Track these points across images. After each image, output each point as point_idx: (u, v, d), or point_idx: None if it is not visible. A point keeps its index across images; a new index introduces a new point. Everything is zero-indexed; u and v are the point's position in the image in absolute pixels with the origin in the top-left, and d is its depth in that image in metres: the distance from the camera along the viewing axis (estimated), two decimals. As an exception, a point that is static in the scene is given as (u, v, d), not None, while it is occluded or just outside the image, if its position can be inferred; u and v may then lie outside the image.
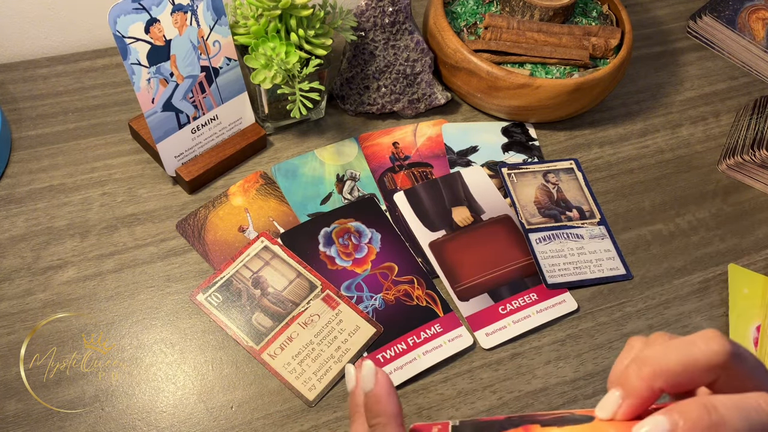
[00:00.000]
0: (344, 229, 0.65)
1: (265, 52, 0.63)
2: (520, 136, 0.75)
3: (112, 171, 0.67)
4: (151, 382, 0.55)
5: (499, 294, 0.62)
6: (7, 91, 0.72)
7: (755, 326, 0.62)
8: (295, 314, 0.59)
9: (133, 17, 0.56)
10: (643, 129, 0.78)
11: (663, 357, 0.31)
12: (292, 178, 0.68)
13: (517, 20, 0.74)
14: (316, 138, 0.72)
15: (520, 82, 0.69)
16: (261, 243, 0.63)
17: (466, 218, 0.67)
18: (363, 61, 0.71)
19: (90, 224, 0.63)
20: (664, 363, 0.31)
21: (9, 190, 0.65)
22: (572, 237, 0.66)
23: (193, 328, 0.58)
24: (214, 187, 0.67)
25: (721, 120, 0.80)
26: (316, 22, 0.65)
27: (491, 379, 0.58)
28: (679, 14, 0.92)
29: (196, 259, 0.62)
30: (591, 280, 0.64)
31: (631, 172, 0.74)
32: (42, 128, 0.69)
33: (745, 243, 0.69)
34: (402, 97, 0.73)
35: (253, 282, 0.61)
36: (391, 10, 0.68)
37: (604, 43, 0.74)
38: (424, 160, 0.72)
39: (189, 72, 0.62)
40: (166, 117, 0.62)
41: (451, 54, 0.72)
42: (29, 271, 0.60)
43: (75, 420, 0.52)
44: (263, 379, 0.56)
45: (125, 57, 0.57)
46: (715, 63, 0.87)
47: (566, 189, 0.70)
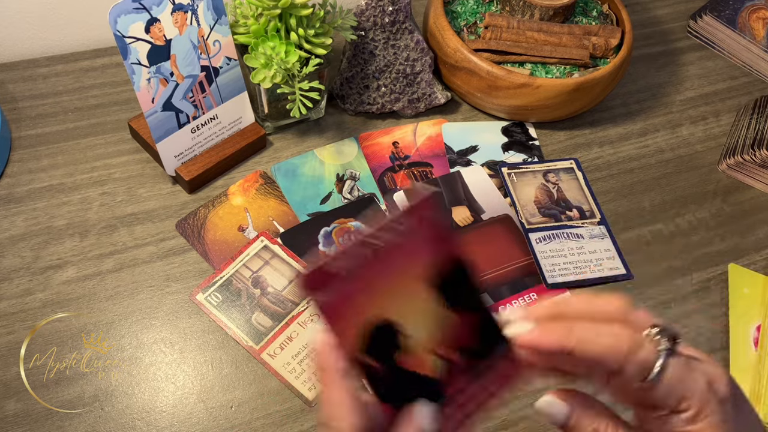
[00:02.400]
0: (344, 229, 0.65)
1: (265, 51, 0.63)
2: (520, 136, 0.75)
3: (111, 170, 0.67)
4: (150, 381, 0.55)
5: (499, 294, 0.62)
6: (7, 91, 0.72)
7: (755, 326, 0.62)
8: (295, 314, 0.59)
9: (134, 17, 0.56)
10: (643, 129, 0.78)
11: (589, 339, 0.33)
12: (291, 177, 0.68)
13: (517, 20, 0.74)
14: (315, 137, 0.72)
15: (520, 82, 0.69)
16: (261, 242, 0.63)
17: (466, 218, 0.67)
18: (363, 60, 0.71)
19: (89, 224, 0.63)
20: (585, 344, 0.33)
21: (9, 189, 0.65)
22: (572, 237, 0.66)
23: (192, 327, 0.58)
24: (214, 187, 0.67)
25: (721, 120, 0.80)
26: (316, 22, 0.65)
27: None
28: (679, 14, 0.92)
29: (196, 258, 0.62)
30: (591, 280, 0.64)
31: (631, 171, 0.74)
32: (42, 128, 0.69)
33: (745, 243, 0.69)
34: (402, 97, 0.73)
35: (252, 281, 0.61)
36: (391, 9, 0.68)
37: (604, 43, 0.74)
38: (424, 159, 0.72)
39: (189, 71, 0.62)
40: (166, 116, 0.62)
41: (451, 53, 0.72)
42: (29, 271, 0.60)
43: (75, 420, 0.52)
44: (263, 379, 0.56)
45: (125, 56, 0.57)
46: (715, 63, 0.87)
47: (566, 189, 0.70)
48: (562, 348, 0.34)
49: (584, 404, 0.35)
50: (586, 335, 0.33)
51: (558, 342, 0.34)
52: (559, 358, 0.35)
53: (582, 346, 0.33)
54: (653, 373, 0.33)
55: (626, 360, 0.33)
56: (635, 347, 0.33)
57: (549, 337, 0.34)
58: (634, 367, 0.33)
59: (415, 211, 0.33)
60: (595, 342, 0.33)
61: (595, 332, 0.33)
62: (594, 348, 0.33)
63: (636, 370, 0.33)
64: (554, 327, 0.34)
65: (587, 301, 0.36)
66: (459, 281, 0.36)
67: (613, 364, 0.33)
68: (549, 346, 0.34)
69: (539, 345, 0.34)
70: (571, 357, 0.34)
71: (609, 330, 0.34)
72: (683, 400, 0.33)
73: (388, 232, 0.34)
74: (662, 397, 0.33)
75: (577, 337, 0.33)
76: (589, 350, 0.33)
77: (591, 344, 0.33)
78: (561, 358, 0.35)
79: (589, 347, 0.33)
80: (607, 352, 0.33)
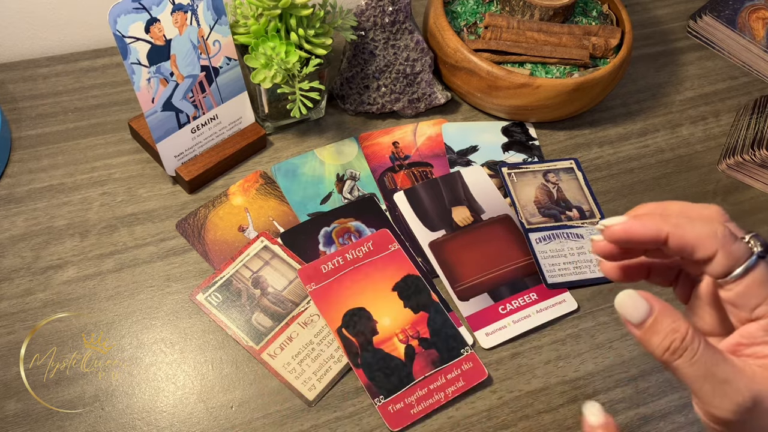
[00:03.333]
0: (344, 229, 0.65)
1: (265, 51, 0.63)
2: (520, 136, 0.75)
3: (111, 171, 0.67)
4: (151, 381, 0.55)
5: (499, 294, 0.62)
6: (7, 91, 0.72)
7: (755, 326, 0.62)
8: (295, 314, 0.59)
9: (133, 17, 0.56)
10: (643, 129, 0.78)
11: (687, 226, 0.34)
12: (292, 177, 0.68)
13: (517, 20, 0.74)
14: (316, 137, 0.72)
15: (520, 82, 0.69)
16: (261, 243, 0.63)
17: (466, 218, 0.67)
18: (363, 60, 0.71)
19: (90, 224, 0.63)
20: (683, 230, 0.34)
21: (9, 189, 0.65)
22: (572, 237, 0.66)
23: (192, 327, 0.58)
24: (214, 187, 0.67)
25: (721, 120, 0.80)
26: (316, 22, 0.65)
27: (491, 378, 0.58)
28: (679, 14, 0.92)
29: (196, 258, 0.62)
30: (591, 280, 0.64)
31: (631, 171, 0.74)
32: (42, 128, 0.69)
33: (745, 243, 0.69)
34: (402, 97, 0.73)
35: (252, 282, 0.61)
36: (391, 9, 0.68)
37: (604, 43, 0.74)
38: (424, 159, 0.72)
39: (189, 71, 0.62)
40: (166, 117, 0.62)
41: (451, 53, 0.72)
42: (29, 271, 0.60)
43: (75, 420, 0.52)
44: (263, 379, 0.56)
45: (125, 56, 0.57)
46: (715, 63, 0.87)
47: (566, 189, 0.70)
48: (658, 233, 0.34)
49: (664, 304, 0.35)
50: (683, 223, 0.34)
51: (655, 227, 0.34)
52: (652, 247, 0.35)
53: (678, 231, 0.34)
54: (742, 267, 0.33)
55: (721, 248, 0.33)
56: (730, 240, 0.33)
57: (645, 224, 0.35)
58: (726, 257, 0.33)
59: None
60: (691, 229, 0.34)
61: (692, 223, 0.34)
62: (690, 234, 0.33)
63: (726, 261, 0.33)
64: (650, 216, 0.35)
65: (684, 204, 0.37)
66: (412, 289, 0.60)
67: (707, 250, 0.33)
68: (644, 232, 0.35)
69: (635, 232, 0.35)
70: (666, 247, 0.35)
71: (706, 222, 0.34)
72: (760, 304, 0.33)
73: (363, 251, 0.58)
74: (743, 295, 0.34)
75: (673, 223, 0.34)
76: (685, 235, 0.33)
77: (687, 231, 0.34)
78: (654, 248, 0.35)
79: (685, 233, 0.34)
80: (703, 238, 0.33)
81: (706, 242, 0.33)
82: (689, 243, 0.34)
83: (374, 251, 0.62)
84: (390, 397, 0.55)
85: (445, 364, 0.57)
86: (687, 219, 0.34)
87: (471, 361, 0.57)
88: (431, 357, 0.57)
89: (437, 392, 0.55)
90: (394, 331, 0.58)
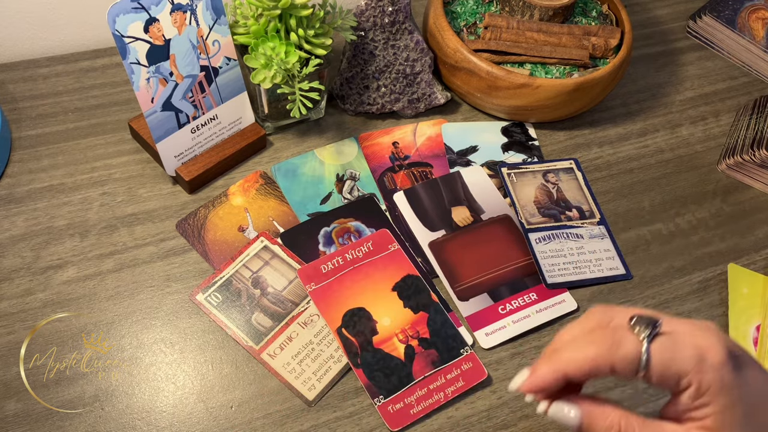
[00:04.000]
0: (344, 229, 0.65)
1: (265, 51, 0.63)
2: (520, 136, 0.75)
3: (111, 171, 0.67)
4: (150, 381, 0.55)
5: (499, 294, 0.62)
6: (7, 91, 0.72)
7: (755, 326, 0.62)
8: (295, 314, 0.59)
9: (132, 16, 0.56)
10: (643, 129, 0.78)
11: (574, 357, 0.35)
12: (291, 177, 0.68)
13: (517, 20, 0.74)
14: (315, 138, 0.72)
15: (519, 82, 0.69)
16: (261, 243, 0.63)
17: (466, 218, 0.67)
18: (363, 60, 0.71)
19: (90, 224, 0.63)
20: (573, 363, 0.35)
21: (9, 189, 0.65)
22: (572, 237, 0.66)
23: (192, 327, 0.58)
24: (214, 187, 0.67)
25: (720, 120, 0.80)
26: (316, 22, 0.65)
27: (491, 378, 0.58)
28: (679, 14, 0.92)
29: (196, 258, 0.62)
30: (591, 280, 0.64)
31: (630, 171, 0.74)
32: (42, 128, 0.69)
33: (745, 243, 0.69)
34: (402, 97, 0.73)
35: (252, 282, 0.61)
36: (390, 9, 0.68)
37: (603, 43, 0.74)
38: (423, 159, 0.72)
39: (188, 71, 0.62)
40: (166, 116, 0.62)
41: (451, 54, 0.72)
42: (29, 271, 0.60)
43: (75, 420, 0.52)
44: (263, 379, 0.56)
45: (124, 56, 0.57)
46: (714, 63, 0.87)
47: (566, 189, 0.70)
48: (557, 376, 0.35)
49: (593, 404, 0.36)
50: (572, 354, 0.34)
51: (553, 373, 0.35)
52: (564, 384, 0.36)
53: (573, 365, 0.34)
54: (642, 363, 0.33)
55: (613, 359, 0.33)
56: (616, 345, 0.33)
57: (543, 374, 0.35)
58: (624, 362, 0.33)
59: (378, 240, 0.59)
60: (581, 356, 0.34)
61: (578, 347, 0.34)
62: (582, 361, 0.34)
63: (627, 365, 0.33)
64: (543, 363, 0.36)
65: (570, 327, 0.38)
66: (412, 289, 0.60)
67: (605, 368, 0.34)
68: (545, 381, 0.35)
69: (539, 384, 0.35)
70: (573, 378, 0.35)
71: (590, 339, 0.34)
72: (681, 378, 0.33)
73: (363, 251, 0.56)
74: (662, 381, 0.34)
75: (565, 359, 0.34)
76: (579, 365, 0.34)
77: (579, 360, 0.34)
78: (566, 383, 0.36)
79: (578, 363, 0.34)
80: (595, 359, 0.34)
81: (599, 361, 0.34)
82: (587, 370, 0.35)
83: (374, 251, 0.61)
84: (390, 397, 0.55)
85: (444, 364, 0.57)
86: (574, 346, 0.35)
87: (471, 361, 0.57)
88: (431, 357, 0.57)
89: (437, 392, 0.55)
90: (393, 331, 0.58)
